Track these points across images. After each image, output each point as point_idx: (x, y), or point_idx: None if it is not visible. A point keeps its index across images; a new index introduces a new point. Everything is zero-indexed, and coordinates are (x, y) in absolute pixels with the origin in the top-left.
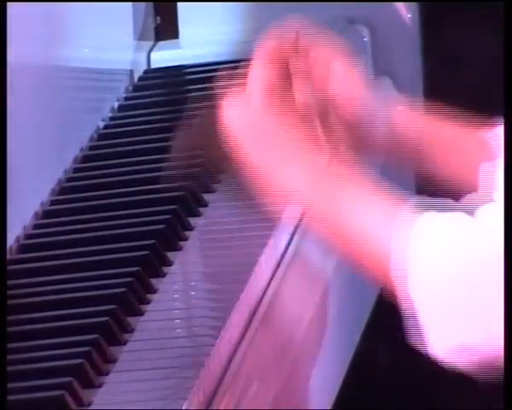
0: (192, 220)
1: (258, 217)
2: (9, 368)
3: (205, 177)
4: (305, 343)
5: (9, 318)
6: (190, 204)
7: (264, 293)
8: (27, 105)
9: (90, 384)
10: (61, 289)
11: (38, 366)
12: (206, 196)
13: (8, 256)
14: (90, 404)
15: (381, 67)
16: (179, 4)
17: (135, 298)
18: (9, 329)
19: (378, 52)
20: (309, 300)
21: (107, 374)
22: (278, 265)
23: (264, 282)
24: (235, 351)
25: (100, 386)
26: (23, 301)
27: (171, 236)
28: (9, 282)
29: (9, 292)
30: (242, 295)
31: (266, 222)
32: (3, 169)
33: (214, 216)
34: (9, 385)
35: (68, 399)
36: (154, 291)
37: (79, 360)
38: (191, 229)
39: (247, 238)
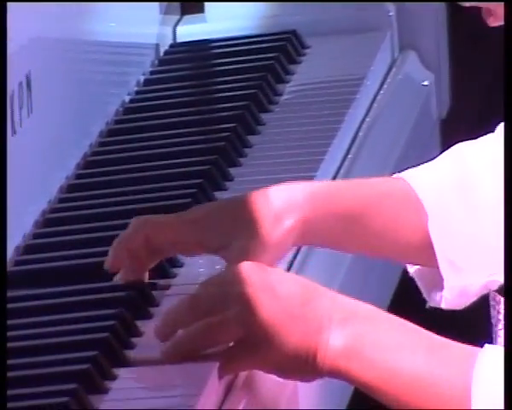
0: (218, 195)
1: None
2: (34, 342)
3: (231, 151)
4: None
5: (34, 291)
6: (216, 178)
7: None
8: (54, 78)
9: (115, 358)
10: (86, 263)
11: (63, 339)
12: (232, 171)
13: (34, 230)
14: (115, 378)
15: (406, 41)
16: None
17: (161, 272)
18: (36, 302)
19: (404, 27)
20: None
21: (132, 348)
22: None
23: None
24: None
25: (126, 361)
26: (48, 275)
27: None
28: (35, 256)
29: (35, 266)
30: None
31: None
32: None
33: (240, 190)
34: (35, 359)
35: (94, 373)
36: (181, 265)
37: (105, 334)
38: None
39: None
